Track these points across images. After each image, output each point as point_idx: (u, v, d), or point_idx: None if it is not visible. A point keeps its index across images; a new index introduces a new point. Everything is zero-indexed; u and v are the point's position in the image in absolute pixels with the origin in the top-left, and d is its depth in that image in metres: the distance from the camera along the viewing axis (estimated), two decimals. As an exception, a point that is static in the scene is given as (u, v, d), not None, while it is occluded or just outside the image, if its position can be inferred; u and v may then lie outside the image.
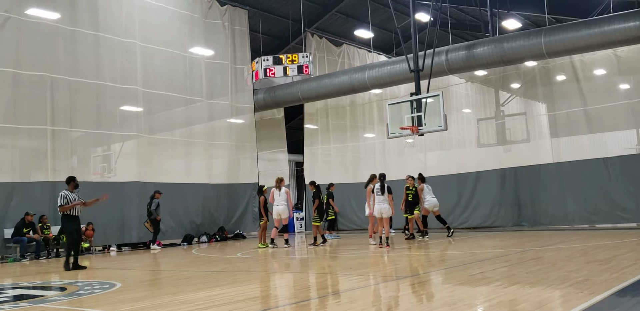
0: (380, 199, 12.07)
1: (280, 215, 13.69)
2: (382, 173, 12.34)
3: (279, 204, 13.68)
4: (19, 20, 14.45)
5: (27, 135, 14.61)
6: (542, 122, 19.05)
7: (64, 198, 10.48)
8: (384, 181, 12.16)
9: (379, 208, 12.08)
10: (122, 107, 17.03)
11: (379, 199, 12.09)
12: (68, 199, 10.51)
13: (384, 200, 12.05)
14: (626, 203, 15.89)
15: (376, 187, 12.15)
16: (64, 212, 10.57)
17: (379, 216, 12.16)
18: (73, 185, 10.78)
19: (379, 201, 12.09)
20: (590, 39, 14.80)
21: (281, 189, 13.77)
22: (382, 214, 12.08)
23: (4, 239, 13.78)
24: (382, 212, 12.05)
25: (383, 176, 12.22)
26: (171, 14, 18.42)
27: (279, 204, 13.67)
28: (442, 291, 6.36)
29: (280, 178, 14.03)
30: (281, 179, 13.99)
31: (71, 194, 10.62)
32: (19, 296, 7.48)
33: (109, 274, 9.84)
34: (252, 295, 6.75)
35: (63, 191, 10.62)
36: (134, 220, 16.28)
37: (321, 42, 22.77)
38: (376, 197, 12.12)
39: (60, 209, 10.54)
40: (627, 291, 5.48)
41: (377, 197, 12.09)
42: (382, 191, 12.05)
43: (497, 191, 18.31)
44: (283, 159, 23.72)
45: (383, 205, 12.05)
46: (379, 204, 12.09)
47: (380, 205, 12.06)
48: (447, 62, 16.86)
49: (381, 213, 12.07)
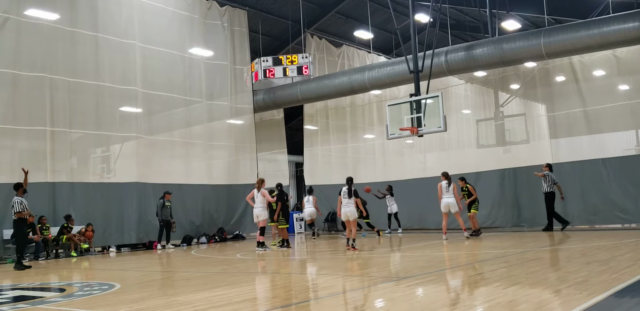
0: (346, 202, 12.08)
1: (257, 218, 13.58)
2: (349, 177, 12.38)
3: (256, 207, 13.52)
4: (18, 21, 14.44)
5: (26, 136, 14.60)
6: (541, 123, 19.05)
7: (20, 204, 11.40)
8: (351, 185, 12.19)
9: (344, 211, 12.08)
10: (122, 108, 17.02)
11: (345, 202, 12.09)
12: (24, 205, 11.45)
13: (350, 203, 12.07)
14: (625, 204, 15.90)
15: (343, 190, 12.16)
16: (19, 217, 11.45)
17: (345, 219, 12.20)
18: (22, 191, 11.62)
19: (344, 204, 12.09)
20: (589, 40, 14.81)
21: (260, 190, 13.49)
22: (348, 218, 12.08)
23: (3, 240, 13.76)
24: (348, 215, 12.07)
25: (350, 180, 12.25)
26: (170, 14, 18.41)
27: (257, 206, 13.50)
28: (441, 292, 6.35)
29: (261, 179, 13.91)
30: (262, 181, 13.78)
31: (24, 201, 11.54)
32: (18, 297, 7.47)
33: (108, 275, 9.83)
34: (252, 296, 6.75)
35: (17, 198, 11.47)
36: (133, 221, 16.29)
37: (321, 43, 22.77)
38: (342, 200, 12.14)
39: (18, 215, 11.40)
40: (626, 292, 5.47)
41: (343, 200, 12.11)
42: (348, 195, 12.06)
43: (497, 191, 18.31)
44: (283, 160, 23.71)
45: (349, 208, 12.06)
46: (344, 207, 12.08)
47: (346, 208, 12.07)
48: (447, 63, 16.87)
49: (347, 216, 12.08)
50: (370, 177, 21.20)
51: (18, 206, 11.36)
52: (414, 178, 20.07)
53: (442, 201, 14.25)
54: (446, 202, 14.24)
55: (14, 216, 11.50)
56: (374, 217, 18.30)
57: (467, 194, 15.17)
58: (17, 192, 11.56)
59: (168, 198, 16.23)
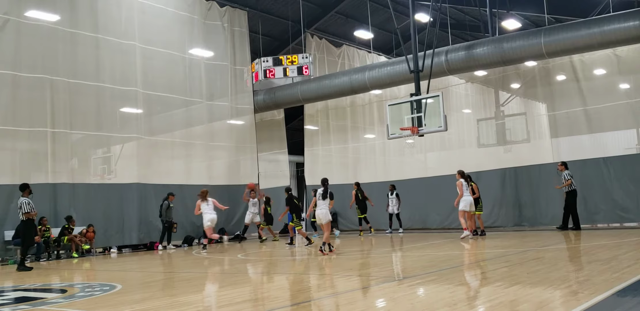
0: (321, 204, 11.43)
1: (211, 222, 14.68)
2: (324, 178, 11.73)
3: (210, 213, 14.67)
4: (19, 23, 14.45)
5: (27, 137, 14.61)
6: (542, 122, 19.05)
7: (29, 205, 11.31)
8: (327, 186, 11.57)
9: (317, 213, 11.45)
10: (122, 108, 17.03)
11: (319, 204, 11.45)
12: (32, 206, 11.36)
13: (325, 205, 11.42)
14: (626, 203, 15.89)
15: (318, 192, 11.52)
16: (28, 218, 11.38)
17: (318, 222, 11.57)
18: (28, 192, 11.54)
19: (319, 206, 11.46)
20: (589, 39, 14.81)
21: (208, 200, 14.70)
22: (321, 220, 11.44)
23: (5, 241, 13.77)
24: (321, 218, 11.41)
25: (325, 181, 11.63)
26: (170, 15, 18.42)
27: (211, 213, 14.68)
28: (442, 291, 6.35)
29: (205, 191, 15.01)
30: (206, 192, 14.97)
31: (32, 202, 11.44)
32: (19, 298, 7.46)
33: (109, 276, 9.83)
34: (253, 296, 6.74)
35: (24, 199, 11.37)
36: (134, 222, 16.29)
37: (321, 43, 22.77)
38: (317, 202, 11.49)
39: (27, 216, 11.33)
40: (628, 291, 5.46)
41: (318, 202, 11.46)
42: (323, 197, 11.41)
43: (498, 191, 18.30)
44: (283, 160, 23.71)
45: (322, 210, 11.40)
46: (318, 209, 11.45)
47: (320, 210, 11.42)
48: (447, 62, 16.86)
49: (320, 219, 11.43)
50: (371, 177, 21.21)
51: (26, 206, 11.27)
52: (415, 178, 20.06)
53: (465, 199, 13.91)
54: (469, 200, 14.00)
55: (23, 217, 11.41)
56: (374, 217, 18.32)
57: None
58: (23, 193, 11.49)
59: (172, 199, 16.24)
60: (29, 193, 11.52)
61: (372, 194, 18.93)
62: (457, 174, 14.35)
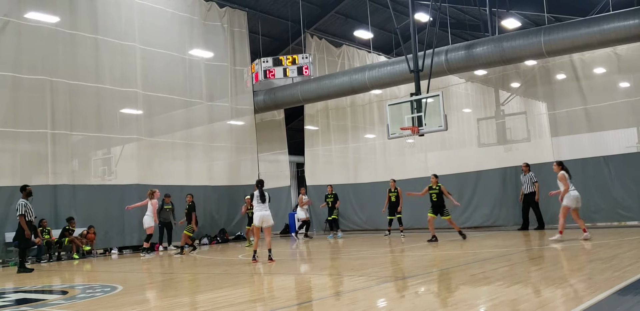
0: (261, 206, 10.60)
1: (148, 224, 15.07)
2: (259, 180, 11.14)
3: (147, 215, 15.08)
4: (19, 24, 14.47)
5: (27, 139, 14.62)
6: (542, 121, 19.02)
7: (25, 207, 11.25)
8: (262, 188, 10.85)
9: (260, 215, 10.49)
10: (122, 110, 17.03)
11: (260, 207, 10.59)
12: (28, 207, 11.31)
13: (265, 207, 10.61)
14: (627, 201, 15.87)
15: (255, 195, 10.71)
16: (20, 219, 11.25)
17: (259, 225, 10.56)
18: (26, 193, 11.50)
19: (260, 209, 10.58)
20: (589, 38, 14.80)
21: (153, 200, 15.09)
22: (262, 224, 10.54)
23: (5, 243, 13.78)
24: (264, 220, 10.51)
25: (260, 182, 10.98)
26: (170, 16, 18.42)
27: (148, 215, 15.08)
28: (443, 291, 6.34)
29: (152, 190, 15.23)
30: (153, 192, 15.17)
31: (29, 203, 11.39)
32: (20, 300, 7.47)
33: (110, 277, 9.83)
34: (254, 297, 6.74)
35: (22, 200, 11.31)
36: (135, 223, 16.27)
37: (321, 43, 22.77)
38: (256, 205, 10.65)
39: (20, 218, 11.23)
40: (629, 289, 5.46)
41: (258, 205, 10.61)
42: (261, 199, 10.62)
43: (498, 190, 18.28)
44: (284, 160, 23.71)
45: (265, 212, 10.53)
46: (261, 211, 10.53)
47: (261, 212, 10.52)
48: (447, 62, 16.85)
49: (262, 222, 10.52)
50: (372, 177, 21.20)
51: (21, 208, 11.26)
52: (415, 178, 20.04)
53: (572, 194, 11.80)
54: (576, 195, 11.87)
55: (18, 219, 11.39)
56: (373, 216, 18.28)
57: (437, 194, 13.85)
58: (22, 194, 11.49)
59: (167, 200, 16.15)
60: (27, 195, 11.50)
61: (372, 194, 18.90)
62: (556, 165, 12.10)
